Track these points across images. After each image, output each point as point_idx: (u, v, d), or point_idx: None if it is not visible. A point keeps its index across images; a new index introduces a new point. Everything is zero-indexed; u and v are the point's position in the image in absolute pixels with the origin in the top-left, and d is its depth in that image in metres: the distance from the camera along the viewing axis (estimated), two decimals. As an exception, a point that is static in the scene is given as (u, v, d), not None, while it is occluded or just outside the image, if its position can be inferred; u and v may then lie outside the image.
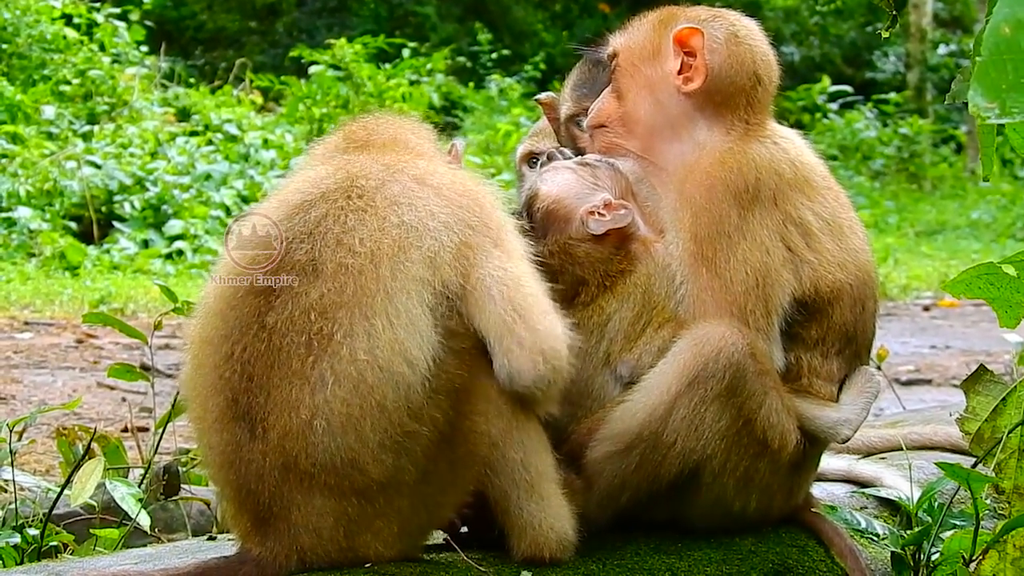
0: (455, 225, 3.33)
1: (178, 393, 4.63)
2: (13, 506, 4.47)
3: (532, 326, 3.30)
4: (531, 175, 4.17)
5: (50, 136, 17.98)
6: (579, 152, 4.13)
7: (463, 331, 3.31)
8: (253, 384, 3.22)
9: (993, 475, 3.71)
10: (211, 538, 4.10)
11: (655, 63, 3.90)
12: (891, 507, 4.25)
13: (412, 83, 22.64)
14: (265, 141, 18.91)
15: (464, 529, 3.67)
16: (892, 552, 3.85)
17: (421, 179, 3.40)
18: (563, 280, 3.73)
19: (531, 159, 4.36)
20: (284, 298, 3.23)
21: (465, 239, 3.33)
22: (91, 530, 4.48)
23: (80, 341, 11.11)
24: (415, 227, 3.28)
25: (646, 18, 3.99)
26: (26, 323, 12.20)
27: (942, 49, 30.63)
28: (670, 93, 3.88)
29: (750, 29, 3.94)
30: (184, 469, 4.94)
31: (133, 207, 16.55)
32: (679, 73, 3.85)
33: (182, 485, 4.81)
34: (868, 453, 4.79)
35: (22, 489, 4.73)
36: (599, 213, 3.80)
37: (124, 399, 8.36)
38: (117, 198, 16.67)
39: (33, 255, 15.45)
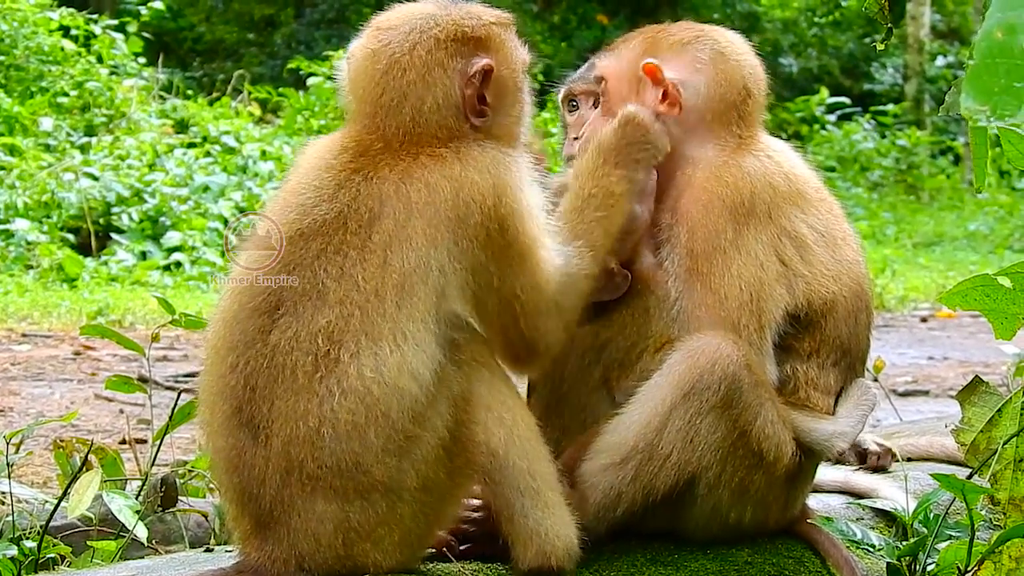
0: (457, 252, 3.35)
1: (176, 405, 4.64)
2: (10, 518, 4.46)
3: (524, 338, 3.47)
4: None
5: (48, 148, 17.95)
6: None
7: (465, 342, 3.39)
8: (256, 395, 3.29)
9: (988, 486, 3.71)
10: (208, 550, 4.11)
11: (637, 91, 3.90)
12: (887, 518, 4.25)
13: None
14: (263, 153, 18.88)
15: (464, 547, 3.65)
16: (888, 563, 3.85)
17: (417, 206, 3.34)
18: None
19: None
20: (288, 319, 3.30)
21: (469, 263, 3.36)
22: (88, 542, 4.48)
23: (78, 353, 11.10)
24: (417, 268, 3.30)
25: (631, 42, 3.99)
26: (24, 335, 12.18)
27: (940, 61, 30.65)
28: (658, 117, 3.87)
29: (735, 44, 3.95)
30: (181, 481, 4.95)
31: (131, 219, 16.54)
32: (662, 101, 3.86)
33: (179, 497, 4.82)
34: (864, 464, 4.80)
35: (19, 501, 4.74)
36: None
37: (122, 411, 8.36)
38: (115, 210, 16.65)
39: (31, 267, 15.43)
